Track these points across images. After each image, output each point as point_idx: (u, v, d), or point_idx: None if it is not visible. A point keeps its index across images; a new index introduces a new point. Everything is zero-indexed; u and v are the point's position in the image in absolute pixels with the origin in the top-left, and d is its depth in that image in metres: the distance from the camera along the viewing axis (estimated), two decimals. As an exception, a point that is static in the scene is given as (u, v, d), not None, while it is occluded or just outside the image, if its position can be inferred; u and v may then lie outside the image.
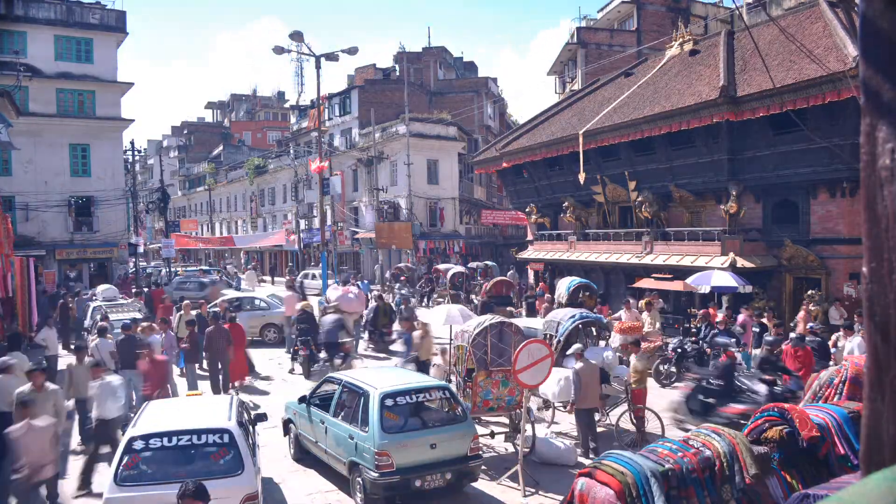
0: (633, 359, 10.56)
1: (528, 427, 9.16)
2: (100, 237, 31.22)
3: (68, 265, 31.24)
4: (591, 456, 8.96)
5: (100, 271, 32.29)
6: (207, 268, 43.43)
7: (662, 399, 11.47)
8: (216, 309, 16.06)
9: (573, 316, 12.31)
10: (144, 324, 12.87)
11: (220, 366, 12.99)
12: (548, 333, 12.36)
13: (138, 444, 6.21)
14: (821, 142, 15.17)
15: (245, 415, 7.52)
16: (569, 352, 10.89)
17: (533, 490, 8.21)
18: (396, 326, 16.40)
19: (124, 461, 6.09)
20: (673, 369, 14.07)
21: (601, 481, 4.70)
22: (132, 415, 7.86)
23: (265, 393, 13.79)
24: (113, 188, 31.60)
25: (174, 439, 6.28)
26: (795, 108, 15.18)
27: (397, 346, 13.46)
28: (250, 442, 6.90)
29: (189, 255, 63.32)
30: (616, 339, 15.34)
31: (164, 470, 6.14)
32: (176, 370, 12.87)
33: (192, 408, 7.46)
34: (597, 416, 10.18)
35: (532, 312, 22.51)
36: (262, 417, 8.25)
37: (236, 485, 6.11)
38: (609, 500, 4.58)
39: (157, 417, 6.81)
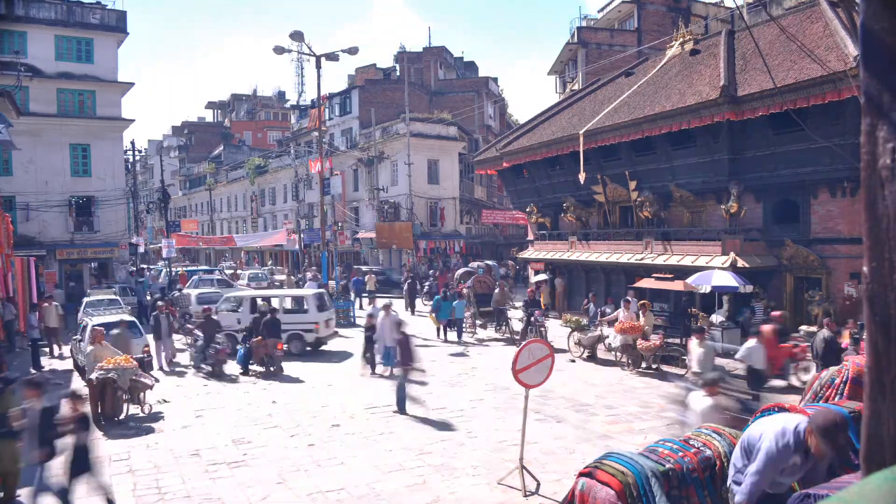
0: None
1: None
2: (100, 237, 31.22)
3: (69, 265, 31.25)
4: None
5: (100, 271, 32.33)
6: (209, 268, 43.41)
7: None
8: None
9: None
10: None
11: None
12: None
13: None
14: (821, 141, 15.15)
15: None
16: None
17: (533, 490, 8.20)
18: None
19: None
20: None
21: (602, 481, 4.70)
22: None
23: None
24: (113, 188, 31.60)
25: None
26: (796, 108, 15.15)
27: None
28: None
29: (189, 254, 63.31)
30: (617, 339, 15.38)
31: None
32: None
33: None
34: None
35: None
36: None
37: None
38: (610, 500, 4.58)
39: None
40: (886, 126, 1.91)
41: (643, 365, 15.19)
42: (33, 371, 15.95)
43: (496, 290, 20.98)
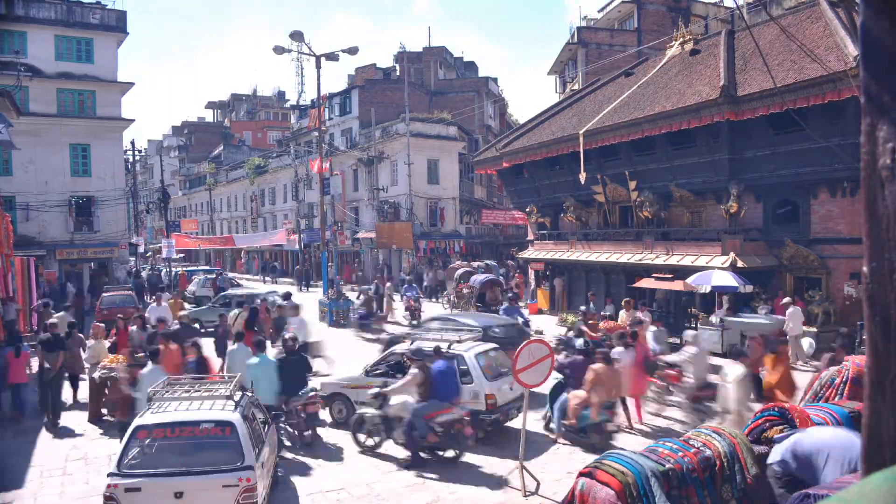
0: None
1: None
2: (100, 237, 31.19)
3: (68, 265, 31.23)
4: None
5: (100, 271, 32.31)
6: (209, 268, 43.42)
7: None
8: None
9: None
10: None
11: None
12: None
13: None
14: (821, 141, 15.16)
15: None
16: None
17: (533, 490, 8.20)
18: None
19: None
20: None
21: (602, 481, 4.70)
22: None
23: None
24: (113, 188, 31.57)
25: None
26: (796, 108, 15.16)
27: None
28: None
29: (189, 254, 63.35)
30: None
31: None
32: None
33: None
34: None
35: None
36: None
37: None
38: (609, 500, 4.58)
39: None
40: (886, 126, 1.91)
41: None
42: None
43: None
